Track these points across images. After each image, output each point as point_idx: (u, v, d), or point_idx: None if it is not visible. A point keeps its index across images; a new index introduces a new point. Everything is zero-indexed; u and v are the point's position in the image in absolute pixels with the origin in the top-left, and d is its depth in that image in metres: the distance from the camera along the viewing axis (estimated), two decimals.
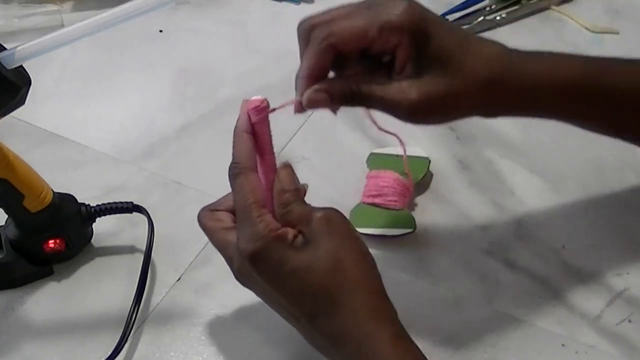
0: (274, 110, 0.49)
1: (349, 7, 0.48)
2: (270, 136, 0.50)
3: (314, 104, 0.48)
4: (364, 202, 0.63)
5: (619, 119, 0.54)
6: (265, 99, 0.49)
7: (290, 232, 0.46)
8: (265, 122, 0.49)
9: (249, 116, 0.49)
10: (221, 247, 0.51)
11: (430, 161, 0.66)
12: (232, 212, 0.51)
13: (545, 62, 0.51)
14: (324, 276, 0.45)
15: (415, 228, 0.61)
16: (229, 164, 0.49)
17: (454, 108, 0.50)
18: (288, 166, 0.49)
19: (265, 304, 0.50)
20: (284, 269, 0.46)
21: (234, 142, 0.49)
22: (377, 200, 0.62)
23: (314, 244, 0.46)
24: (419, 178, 0.65)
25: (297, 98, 0.49)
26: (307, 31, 0.48)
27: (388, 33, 0.47)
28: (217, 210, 0.52)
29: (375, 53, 0.48)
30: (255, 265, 0.47)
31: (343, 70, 0.50)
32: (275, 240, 0.46)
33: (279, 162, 0.50)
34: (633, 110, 0.53)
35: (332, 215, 0.47)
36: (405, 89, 0.48)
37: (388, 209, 0.62)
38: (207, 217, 0.52)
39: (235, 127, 0.49)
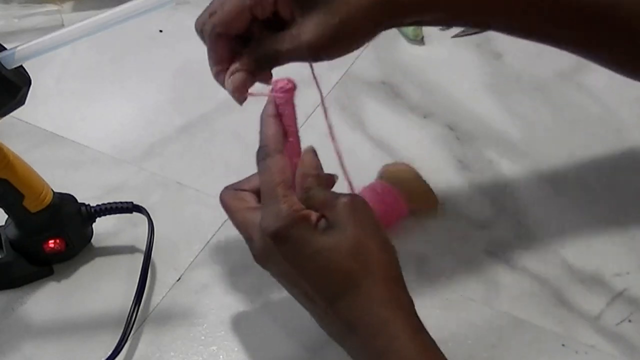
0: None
1: None
2: (295, 119, 0.50)
3: (241, 88, 0.50)
4: None
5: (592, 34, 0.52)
6: (292, 80, 0.49)
7: (314, 215, 0.46)
8: (291, 103, 0.49)
9: (275, 97, 0.49)
10: (242, 226, 0.50)
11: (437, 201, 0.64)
12: (256, 192, 0.51)
13: None
14: (348, 259, 0.45)
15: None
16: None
17: (349, 35, 0.50)
18: (312, 151, 0.50)
19: (283, 287, 0.49)
20: (307, 250, 0.46)
21: (261, 126, 0.50)
22: None
23: (338, 228, 0.46)
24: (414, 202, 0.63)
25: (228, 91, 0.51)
26: (200, 32, 0.51)
27: None
28: (241, 190, 0.52)
29: (266, 16, 0.50)
30: (278, 243, 0.46)
31: (248, 42, 0.51)
32: (300, 220, 0.46)
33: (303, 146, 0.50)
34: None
35: (357, 201, 0.47)
36: (297, 34, 0.49)
37: None
38: (230, 196, 0.52)
39: (263, 110, 0.50)
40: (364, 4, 0.48)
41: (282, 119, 0.49)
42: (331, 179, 0.53)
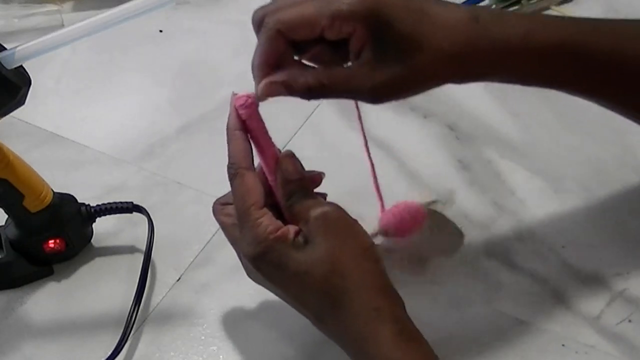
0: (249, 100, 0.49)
1: None
2: (264, 130, 0.49)
3: (268, 96, 0.48)
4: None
5: (620, 86, 0.52)
6: (252, 94, 0.48)
7: (292, 231, 0.46)
8: (256, 117, 0.49)
9: (238, 113, 0.48)
10: (232, 242, 0.51)
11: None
12: None
13: (515, 26, 0.48)
14: (322, 279, 0.45)
15: None
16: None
17: (416, 86, 0.49)
18: (290, 155, 0.49)
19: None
20: (286, 272, 0.46)
21: (227, 142, 0.49)
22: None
23: (311, 245, 0.46)
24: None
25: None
26: (259, 20, 0.47)
27: (340, 23, 0.46)
28: (228, 204, 0.51)
29: (332, 39, 0.47)
30: (258, 268, 0.47)
31: (304, 51, 0.49)
32: (275, 242, 0.46)
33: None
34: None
35: (328, 213, 0.47)
36: (363, 75, 0.47)
37: None
38: (218, 212, 0.52)
39: (227, 125, 0.49)
40: (441, 59, 0.47)
41: (251, 133, 0.49)
42: (317, 178, 0.52)
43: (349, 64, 0.48)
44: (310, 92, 0.47)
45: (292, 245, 0.46)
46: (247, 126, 0.49)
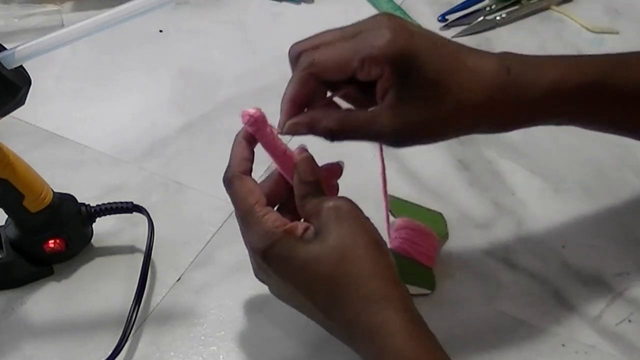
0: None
1: (336, 33, 0.48)
2: (275, 140, 0.50)
3: (290, 134, 0.49)
4: (392, 247, 0.58)
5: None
6: (258, 110, 0.49)
7: (300, 226, 0.47)
8: (264, 130, 0.49)
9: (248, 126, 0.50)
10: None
11: (445, 220, 0.63)
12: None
13: (548, 72, 0.49)
14: (332, 266, 0.45)
15: (433, 290, 0.58)
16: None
17: (438, 132, 0.50)
18: (306, 158, 0.50)
19: (285, 302, 0.50)
20: (295, 263, 0.46)
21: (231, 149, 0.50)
22: (408, 250, 0.58)
23: (322, 236, 0.46)
24: (440, 236, 0.61)
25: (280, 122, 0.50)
26: (295, 57, 0.49)
27: (369, 65, 0.46)
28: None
29: (363, 80, 0.48)
30: (267, 262, 0.47)
31: (337, 88, 0.50)
32: (284, 235, 0.46)
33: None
34: None
35: (340, 204, 0.47)
36: (384, 118, 0.47)
37: (417, 262, 0.58)
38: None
39: (237, 134, 0.51)
40: (465, 108, 0.47)
41: (263, 145, 0.50)
42: (336, 169, 0.52)
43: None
44: (333, 135, 0.48)
45: (300, 239, 0.46)
46: (256, 138, 0.50)
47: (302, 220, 0.49)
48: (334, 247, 0.45)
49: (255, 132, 0.49)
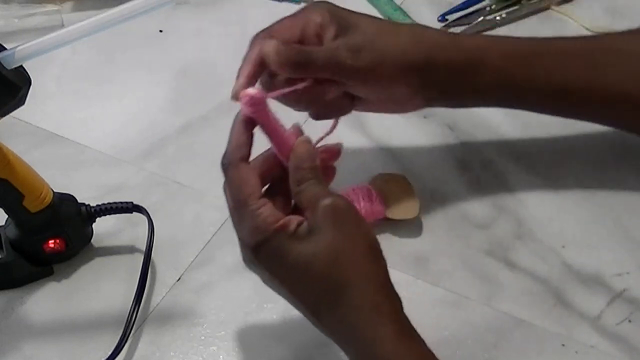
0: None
1: (284, 20, 0.56)
2: (276, 123, 0.49)
3: (249, 81, 0.52)
4: None
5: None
6: (260, 90, 0.49)
7: (294, 222, 0.46)
8: (264, 112, 0.49)
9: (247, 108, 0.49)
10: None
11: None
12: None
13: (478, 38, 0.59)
14: (324, 269, 0.45)
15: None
16: None
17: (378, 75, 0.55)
18: (305, 142, 0.49)
19: (274, 291, 0.50)
20: (286, 260, 0.45)
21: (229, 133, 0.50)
22: None
23: (316, 235, 0.45)
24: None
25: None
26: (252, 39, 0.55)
27: (313, 13, 0.55)
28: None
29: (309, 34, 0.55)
30: (257, 257, 0.46)
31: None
32: (276, 231, 0.45)
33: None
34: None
35: (338, 204, 0.46)
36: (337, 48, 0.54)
37: None
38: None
39: (235, 115, 0.50)
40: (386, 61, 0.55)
41: (263, 128, 0.49)
42: (335, 150, 0.52)
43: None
44: (294, 67, 0.52)
45: (293, 236, 0.45)
46: (256, 121, 0.49)
47: (292, 203, 0.49)
48: (327, 250, 0.45)
49: (254, 114, 0.49)
